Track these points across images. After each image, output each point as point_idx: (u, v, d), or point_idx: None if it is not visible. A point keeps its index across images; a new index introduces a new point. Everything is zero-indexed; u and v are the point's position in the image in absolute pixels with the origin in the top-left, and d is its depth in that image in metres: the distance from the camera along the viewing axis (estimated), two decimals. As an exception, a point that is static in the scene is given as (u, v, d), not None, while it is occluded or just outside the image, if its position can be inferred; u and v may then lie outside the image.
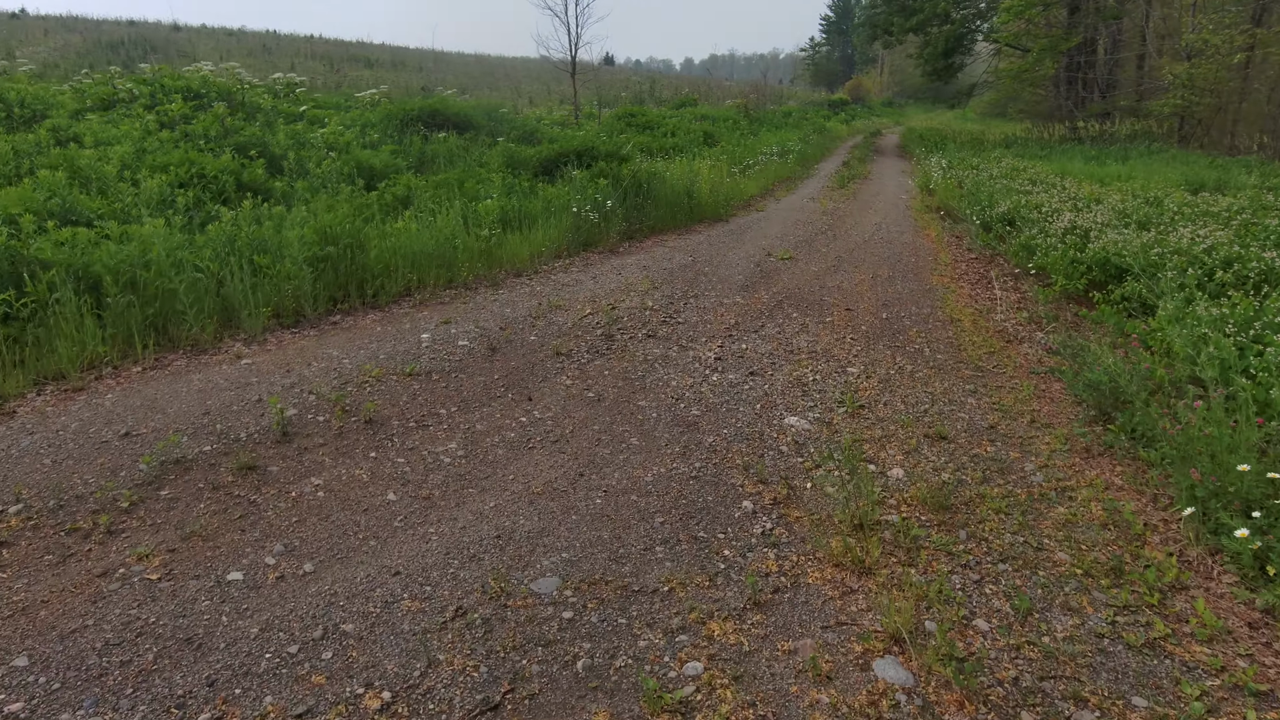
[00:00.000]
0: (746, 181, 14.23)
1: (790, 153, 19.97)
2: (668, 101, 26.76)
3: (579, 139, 12.75)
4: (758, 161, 17.11)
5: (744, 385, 4.63)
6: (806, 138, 24.60)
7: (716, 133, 20.04)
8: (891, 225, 10.55)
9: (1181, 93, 15.99)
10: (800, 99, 41.74)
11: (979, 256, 8.56)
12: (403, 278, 6.32)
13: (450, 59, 56.02)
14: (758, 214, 11.68)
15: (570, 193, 9.03)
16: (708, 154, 16.24)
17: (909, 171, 18.29)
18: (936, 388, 4.71)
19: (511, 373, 4.65)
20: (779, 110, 31.36)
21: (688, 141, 17.63)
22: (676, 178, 11.17)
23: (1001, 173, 12.40)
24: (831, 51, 68.21)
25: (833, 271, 7.74)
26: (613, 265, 7.78)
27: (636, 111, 19.23)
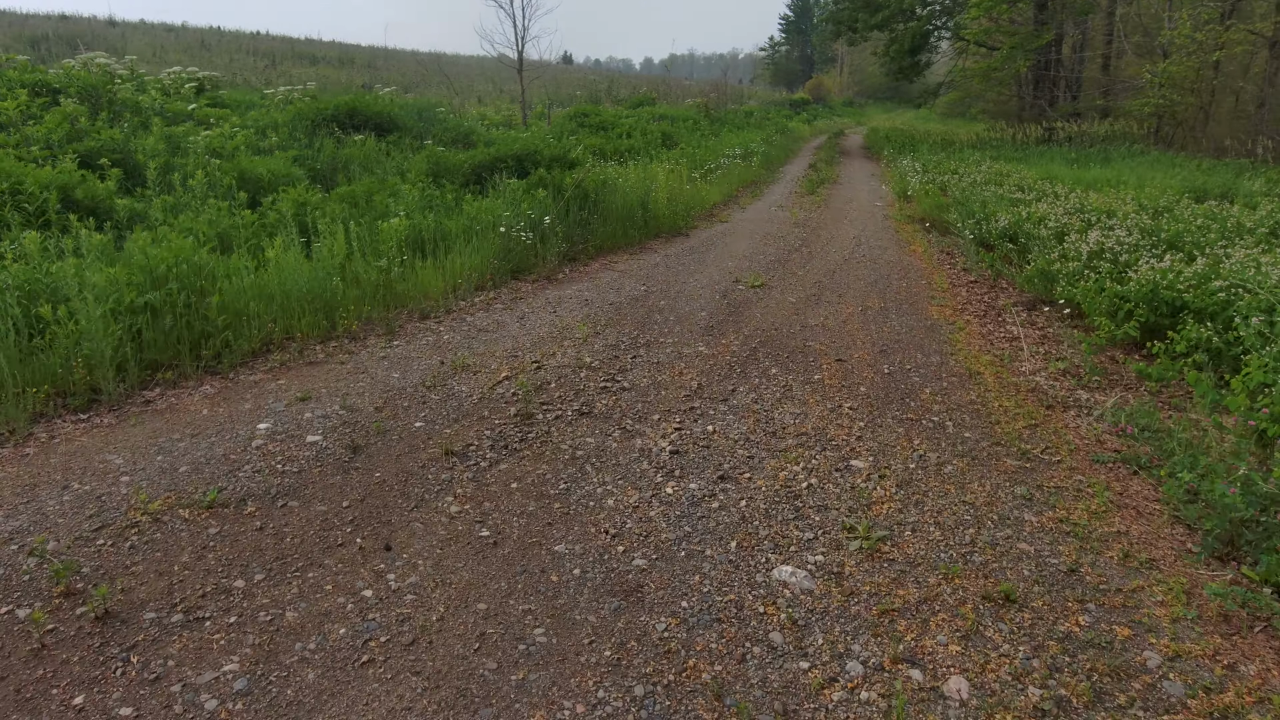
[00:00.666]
0: (708, 188, 12.86)
1: (754, 155, 18.67)
2: (625, 100, 25.31)
3: (521, 142, 11.23)
4: (720, 165, 15.77)
5: (711, 503, 3.20)
6: (770, 139, 23.38)
7: (676, 134, 18.67)
8: (872, 239, 9.26)
9: (1161, 91, 15.07)
10: (761, 99, 40.62)
11: (979, 279, 7.28)
12: (261, 329, 4.75)
13: (403, 56, 53.82)
14: (722, 226, 10.29)
15: (502, 207, 7.52)
16: (666, 157, 14.84)
17: (879, 175, 17.13)
18: (977, 493, 3.35)
19: (372, 494, 3.15)
20: (740, 110, 30.12)
21: (645, 143, 16.21)
22: (630, 186, 9.73)
23: (985, 178, 11.22)
24: (791, 51, 67.38)
25: (813, 303, 6.37)
26: (547, 299, 6.30)
27: (590, 111, 17.75)
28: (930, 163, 14.42)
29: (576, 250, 7.81)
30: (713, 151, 17.35)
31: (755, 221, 10.61)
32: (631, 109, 22.75)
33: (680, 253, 8.35)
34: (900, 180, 13.78)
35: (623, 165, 13.74)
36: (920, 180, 12.60)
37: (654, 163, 13.85)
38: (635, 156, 14.84)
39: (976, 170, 12.74)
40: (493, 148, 10.26)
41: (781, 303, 6.33)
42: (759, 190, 14.23)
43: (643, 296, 6.40)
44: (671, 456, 3.58)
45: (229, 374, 4.39)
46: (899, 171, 15.78)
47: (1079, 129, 16.34)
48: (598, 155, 14.62)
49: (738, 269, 7.47)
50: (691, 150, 15.98)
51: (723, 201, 12.63)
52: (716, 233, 9.70)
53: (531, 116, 19.91)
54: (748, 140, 20.62)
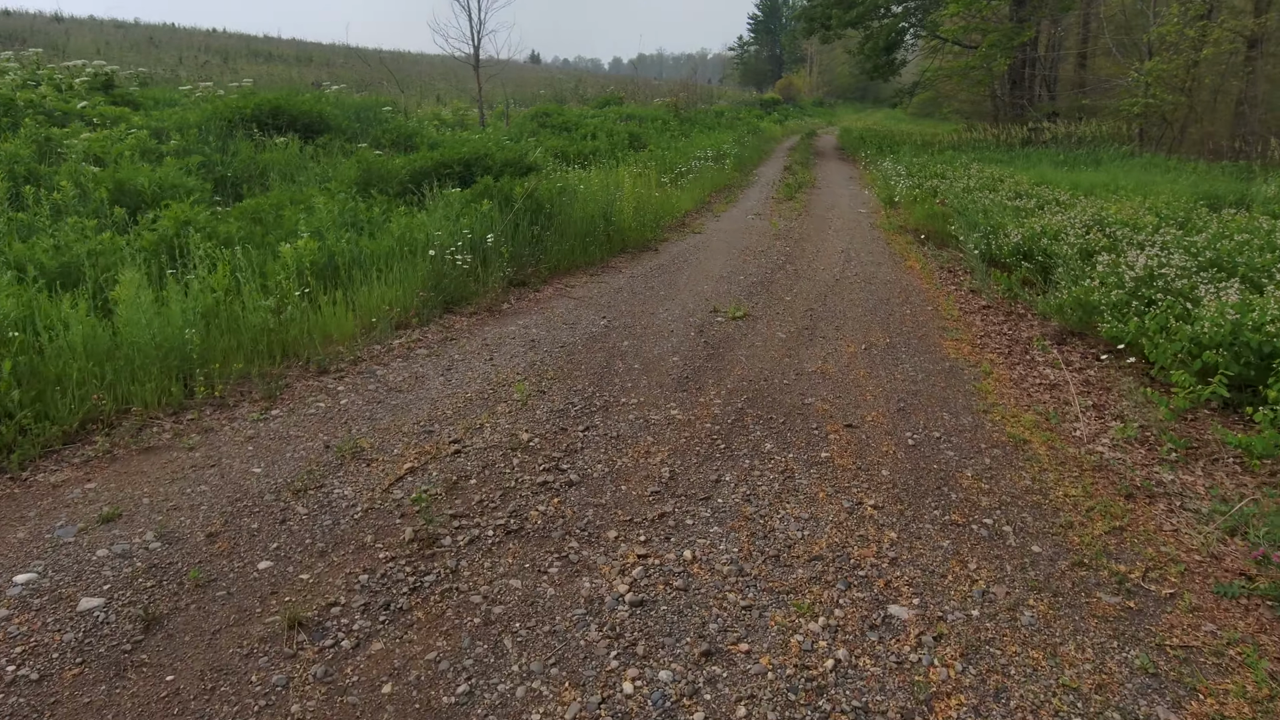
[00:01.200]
0: (679, 193, 11.75)
1: (727, 157, 17.61)
2: (592, 100, 24.11)
3: (471, 144, 9.99)
4: (691, 168, 14.67)
5: (694, 713, 2.07)
6: (742, 140, 22.35)
7: (644, 135, 17.54)
8: (863, 253, 8.21)
9: (1152, 90, 14.31)
10: (731, 98, 39.67)
11: (992, 304, 6.26)
12: (83, 402, 3.51)
13: (365, 55, 52.02)
14: (695, 238, 9.18)
15: (436, 223, 6.31)
16: (634, 160, 13.70)
17: (859, 178, 16.18)
18: (1078, 664, 2.26)
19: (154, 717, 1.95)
20: (710, 110, 29.09)
21: (611, 145, 15.05)
22: (593, 194, 8.57)
23: (978, 183, 10.26)
24: (760, 51, 66.60)
25: (807, 339, 5.28)
26: (485, 340, 5.11)
27: (553, 110, 16.53)
28: (914, 166, 13.46)
29: (526, 273, 6.64)
30: (683, 153, 16.25)
31: (732, 232, 9.51)
32: (598, 108, 21.57)
33: (648, 273, 7.21)
34: (885, 185, 12.81)
35: (586, 169, 12.61)
36: (907, 185, 11.61)
37: (620, 166, 12.72)
38: (600, 159, 13.70)
39: (965, 174, 11.80)
40: (437, 151, 9.02)
41: (770, 340, 5.23)
42: (733, 195, 13.15)
43: (602, 334, 5.25)
44: (632, 612, 2.43)
45: (20, 473, 3.14)
46: (881, 175, 14.84)
47: (1064, 129, 15.55)
48: (559, 158, 13.43)
49: (715, 294, 6.36)
50: (660, 152, 14.86)
51: (695, 209, 11.52)
52: (689, 246, 8.58)
53: (491, 116, 18.63)
54: (719, 141, 19.57)
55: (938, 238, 8.63)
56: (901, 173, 13.23)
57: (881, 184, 13.46)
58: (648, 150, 15.44)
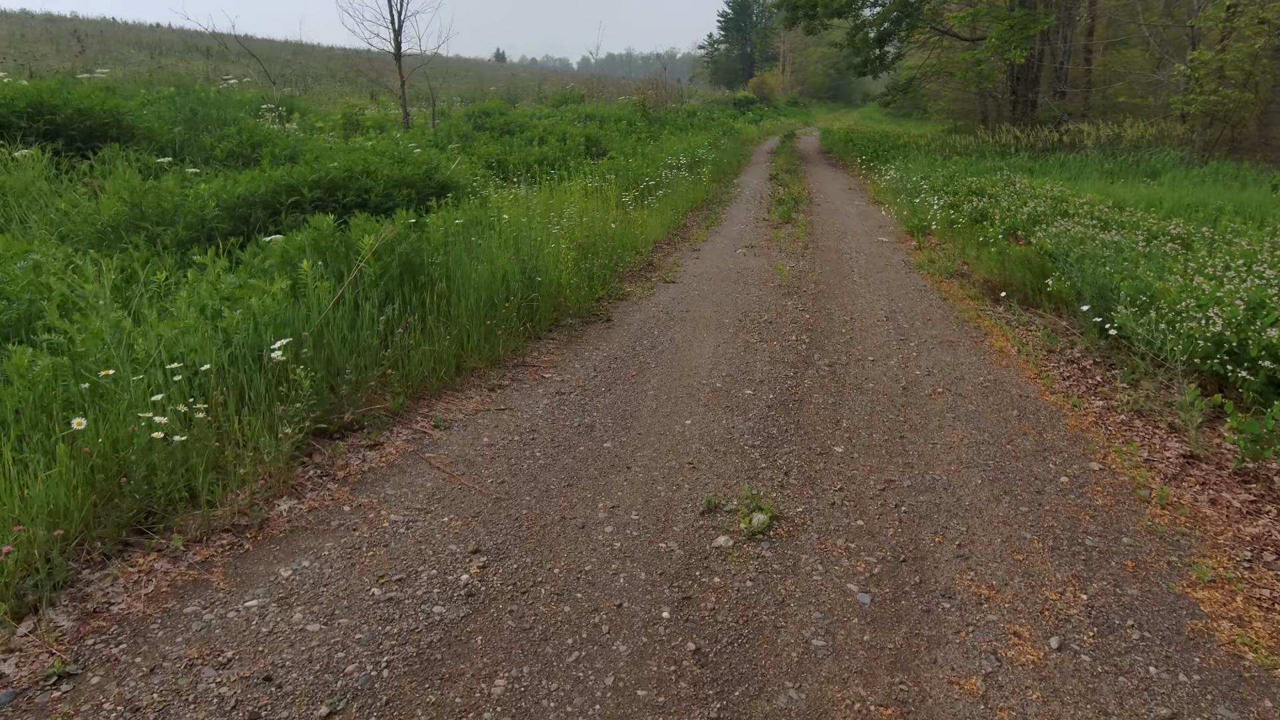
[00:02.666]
0: (646, 217, 8.76)
1: (703, 163, 14.65)
2: (551, 98, 20.99)
3: (353, 156, 6.86)
4: (661, 179, 11.68)
5: None
6: (718, 142, 19.41)
7: (605, 138, 14.51)
8: (918, 321, 5.30)
9: (1206, 85, 11.66)
10: (703, 97, 36.71)
11: (1207, 454, 3.37)
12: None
13: (315, 52, 48.14)
14: (666, 293, 6.19)
15: (191, 323, 3.23)
16: (591, 171, 10.68)
17: (859, 190, 13.30)
18: None
19: None
20: (681, 110, 26.10)
21: (564, 152, 12.00)
22: (517, 232, 5.55)
23: (1047, 206, 7.43)
24: (731, 49, 63.68)
25: (917, 599, 2.32)
26: (173, 663, 2.08)
27: (496, 109, 13.42)
28: (938, 180, 10.61)
29: (362, 400, 3.58)
30: (651, 161, 13.26)
31: (719, 280, 6.56)
32: (554, 107, 18.46)
33: (588, 379, 4.21)
34: (905, 203, 9.95)
35: (531, 186, 9.59)
36: (940, 205, 8.75)
37: (572, 179, 9.70)
38: (551, 171, 10.66)
39: (1011, 189, 8.99)
40: (284, 169, 5.90)
41: (838, 617, 2.26)
42: (714, 216, 10.18)
43: (457, 625, 2.24)
44: None
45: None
46: (889, 187, 11.99)
47: (1106, 132, 12.86)
48: (494, 171, 10.37)
49: (705, 446, 3.38)
50: (624, 161, 11.85)
51: (666, 238, 8.55)
52: (659, 311, 5.59)
53: (434, 117, 15.42)
54: (693, 145, 16.61)
55: (1021, 292, 5.75)
56: (923, 187, 10.38)
57: (893, 197, 10.61)
58: (609, 158, 12.42)
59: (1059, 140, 13.57)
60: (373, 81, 21.37)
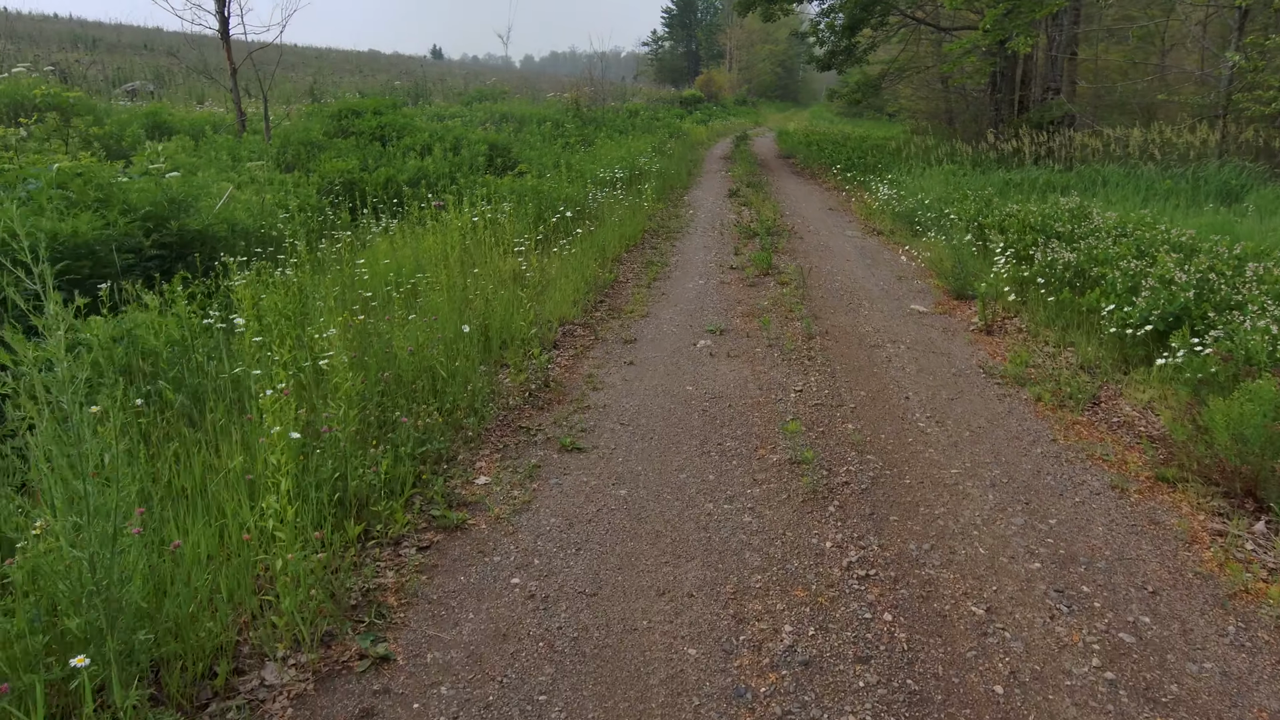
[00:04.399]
0: (557, 272, 5.50)
1: (647, 175, 11.39)
2: (465, 94, 17.40)
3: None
4: (587, 204, 8.40)
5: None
6: (663, 146, 16.19)
7: (520, 145, 11.13)
8: (1095, 566, 2.16)
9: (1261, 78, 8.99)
10: (646, 96, 33.44)
11: None
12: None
13: (243, 47, 43.06)
14: (559, 490, 2.84)
15: None
16: (487, 192, 7.36)
17: (844, 209, 10.23)
18: None
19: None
20: (623, 109, 22.78)
21: (452, 167, 8.58)
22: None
23: (1222, 268, 4.41)
24: (675, 46, 60.46)
25: None
26: None
27: (370, 108, 9.85)
28: (968, 205, 7.58)
29: None
30: (578, 175, 9.95)
31: (669, 445, 3.29)
32: (464, 106, 14.93)
33: None
34: (934, 244, 6.88)
35: (398, 219, 6.26)
36: (1003, 254, 5.71)
37: (458, 209, 6.36)
38: (431, 195, 7.31)
39: (1087, 224, 6.02)
40: None
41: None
42: (660, 261, 6.92)
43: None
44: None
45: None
46: (889, 211, 8.93)
47: (1138, 138, 10.08)
48: (344, 199, 6.95)
49: None
50: (536, 179, 8.49)
51: (584, 313, 5.26)
52: (519, 603, 2.31)
53: (277, 117, 11.71)
54: (635, 151, 13.35)
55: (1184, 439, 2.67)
56: (948, 216, 7.37)
57: (899, 227, 7.54)
58: (518, 172, 9.04)
59: (1071, 147, 10.75)
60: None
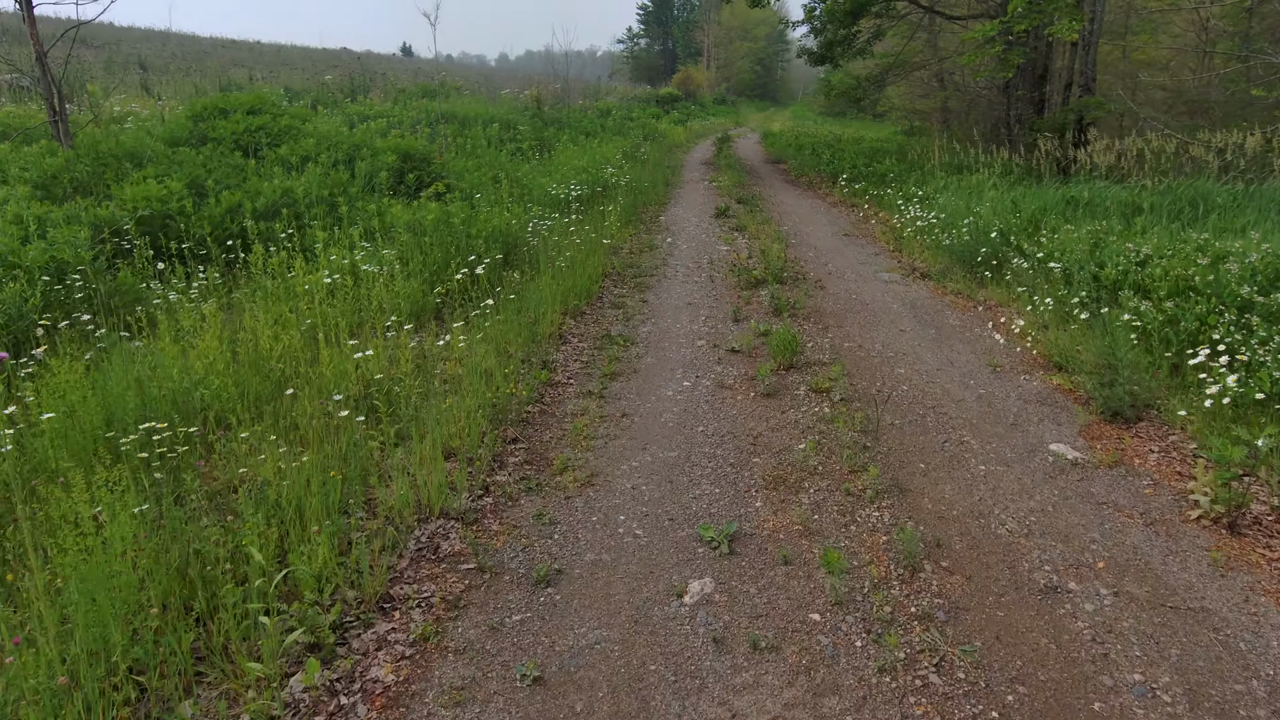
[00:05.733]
0: (453, 373, 3.04)
1: (614, 189, 8.96)
2: (408, 91, 14.81)
3: None
4: (528, 236, 5.96)
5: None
6: (636, 152, 13.76)
7: (453, 155, 8.64)
8: None
9: None
10: (621, 94, 30.93)
11: None
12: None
13: (179, 40, 39.92)
14: None
15: None
16: (357, 237, 4.90)
17: (864, 235, 7.86)
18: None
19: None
20: (594, 108, 20.28)
21: (331, 188, 6.08)
22: None
23: None
24: (652, 45, 57.84)
25: None
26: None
27: (239, 105, 7.27)
28: (1059, 246, 5.24)
29: None
30: (522, 192, 7.53)
31: None
32: (394, 104, 12.34)
33: None
34: (1016, 299, 4.53)
35: (230, 271, 3.70)
36: (1210, 352, 3.36)
37: (314, 262, 3.86)
38: (309, 226, 4.85)
39: (1235, 276, 3.70)
40: None
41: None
42: (625, 331, 4.49)
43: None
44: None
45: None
46: (931, 243, 6.59)
47: (1225, 142, 7.85)
48: (147, 242, 4.43)
49: None
50: (458, 205, 6.02)
51: (481, 461, 2.80)
52: None
53: (174, 115, 9.02)
54: (601, 158, 10.90)
55: None
56: (1050, 266, 5.06)
57: (962, 271, 5.19)
58: (433, 191, 6.56)
59: (1129, 156, 8.47)
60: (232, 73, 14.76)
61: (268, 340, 3.39)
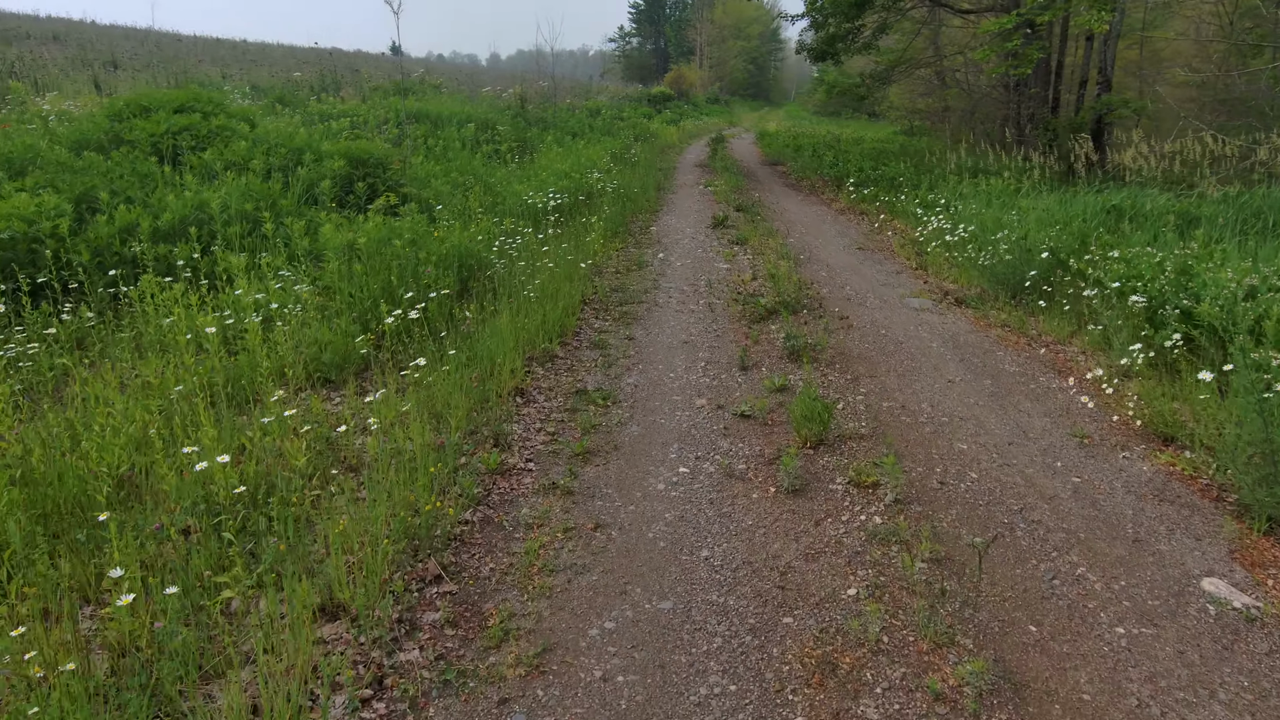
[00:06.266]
0: (374, 463, 2.10)
1: (598, 199, 7.98)
2: (382, 87, 13.78)
3: None
4: (494, 259, 4.98)
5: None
6: (626, 153, 12.79)
7: (421, 158, 7.65)
8: None
9: None
10: (612, 94, 29.90)
11: None
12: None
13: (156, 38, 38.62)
14: None
15: None
16: (281, 263, 3.90)
17: (881, 250, 6.89)
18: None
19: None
20: (583, 108, 19.25)
21: (258, 201, 5.09)
22: None
23: None
24: (644, 44, 56.71)
25: None
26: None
27: (163, 102, 6.26)
28: (1134, 272, 4.29)
29: None
30: (494, 200, 6.58)
31: None
32: (361, 102, 11.32)
33: None
34: (1087, 342, 3.58)
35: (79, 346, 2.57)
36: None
37: (216, 297, 2.98)
38: (207, 256, 3.82)
39: None
40: None
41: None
42: (605, 386, 3.51)
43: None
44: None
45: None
46: (963, 260, 5.64)
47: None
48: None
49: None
50: (413, 219, 5.06)
51: (385, 619, 1.81)
52: None
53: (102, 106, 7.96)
54: (587, 161, 9.92)
55: None
56: (1129, 300, 4.10)
57: (1004, 297, 4.24)
58: (382, 203, 5.59)
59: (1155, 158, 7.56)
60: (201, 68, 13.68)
61: (106, 427, 2.42)
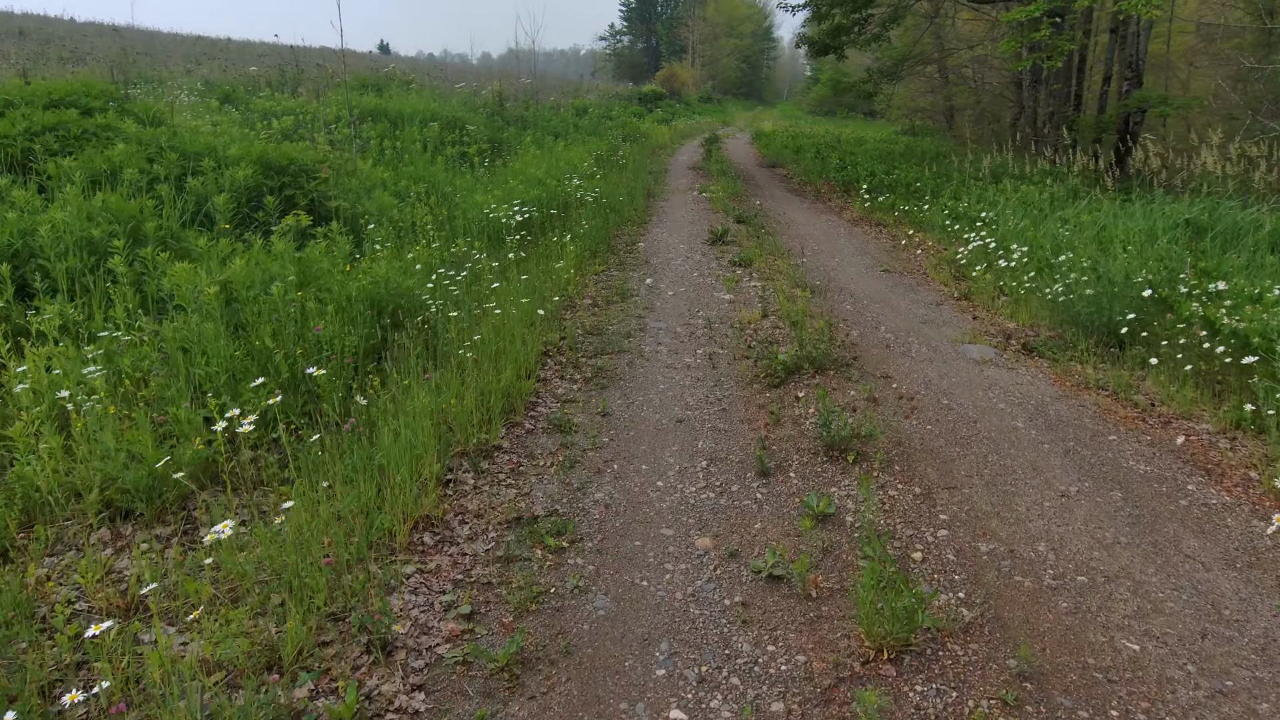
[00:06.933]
0: None
1: (577, 210, 6.77)
2: (345, 84, 12.54)
3: None
4: (433, 301, 3.76)
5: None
6: (612, 156, 11.56)
7: (372, 162, 6.42)
8: None
9: None
10: (603, 92, 28.64)
11: None
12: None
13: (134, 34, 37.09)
14: None
15: None
16: (120, 320, 2.65)
17: (900, 265, 5.70)
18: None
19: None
20: (570, 106, 18.00)
21: (133, 217, 3.86)
22: None
23: None
24: (635, 42, 55.34)
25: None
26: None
27: (23, 97, 5.03)
28: None
29: None
30: (461, 213, 5.37)
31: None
32: (313, 99, 10.05)
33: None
34: (1240, 423, 2.41)
35: None
36: None
37: None
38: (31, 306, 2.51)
39: None
40: None
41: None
42: (565, 563, 2.30)
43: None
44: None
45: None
46: (1017, 291, 4.47)
47: None
48: None
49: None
50: (320, 247, 3.86)
51: None
52: None
53: None
54: (566, 165, 8.71)
55: None
56: None
57: (1085, 343, 3.07)
58: (287, 227, 4.39)
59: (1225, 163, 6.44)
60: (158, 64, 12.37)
61: None
